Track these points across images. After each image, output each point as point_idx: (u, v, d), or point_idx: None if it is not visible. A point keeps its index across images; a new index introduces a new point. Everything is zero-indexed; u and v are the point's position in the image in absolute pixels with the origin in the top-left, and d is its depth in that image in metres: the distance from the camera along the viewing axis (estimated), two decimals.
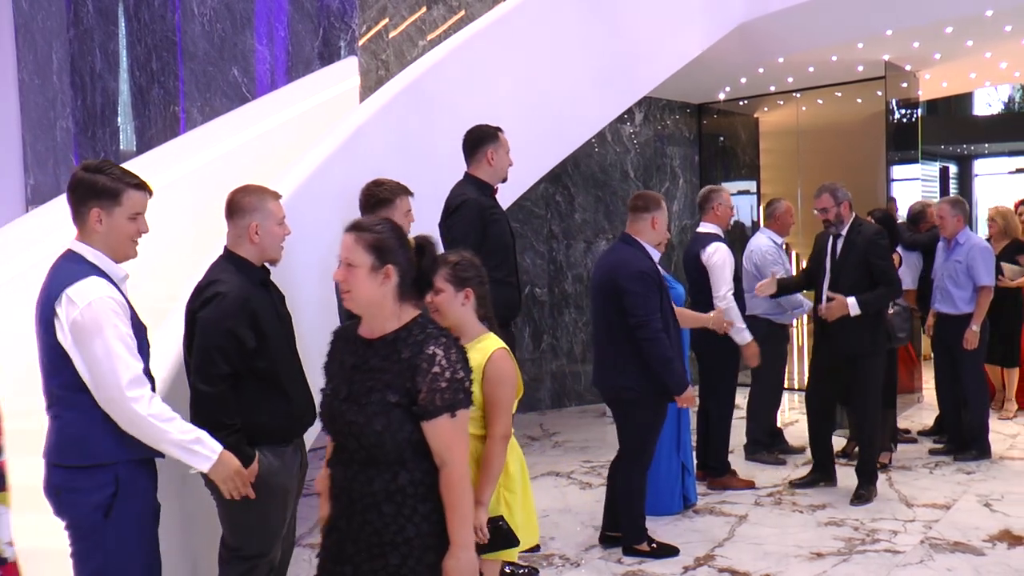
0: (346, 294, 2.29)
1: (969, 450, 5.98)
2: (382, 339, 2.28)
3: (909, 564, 4.21)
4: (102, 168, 2.60)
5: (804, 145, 9.20)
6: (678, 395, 4.21)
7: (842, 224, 5.13)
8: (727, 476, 5.51)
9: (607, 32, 5.98)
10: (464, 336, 2.84)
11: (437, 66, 4.89)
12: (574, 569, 4.30)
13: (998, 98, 17.98)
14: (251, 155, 5.99)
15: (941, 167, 16.16)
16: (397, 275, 2.27)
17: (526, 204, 7.77)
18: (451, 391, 2.20)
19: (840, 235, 5.14)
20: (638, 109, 8.68)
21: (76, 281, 2.51)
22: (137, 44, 8.43)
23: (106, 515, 2.53)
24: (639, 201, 4.39)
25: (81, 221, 2.60)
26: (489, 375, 2.80)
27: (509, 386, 2.83)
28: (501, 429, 2.81)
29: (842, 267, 5.09)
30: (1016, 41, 7.48)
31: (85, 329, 2.47)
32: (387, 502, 2.20)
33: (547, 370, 8.18)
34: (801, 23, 7.00)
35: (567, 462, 6.26)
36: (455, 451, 2.22)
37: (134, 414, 2.51)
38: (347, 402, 2.25)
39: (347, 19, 6.69)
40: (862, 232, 5.08)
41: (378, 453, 2.20)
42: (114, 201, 2.58)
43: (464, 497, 2.23)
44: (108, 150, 8.79)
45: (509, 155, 4.26)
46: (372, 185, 3.75)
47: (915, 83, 8.64)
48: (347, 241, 2.30)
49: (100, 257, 2.60)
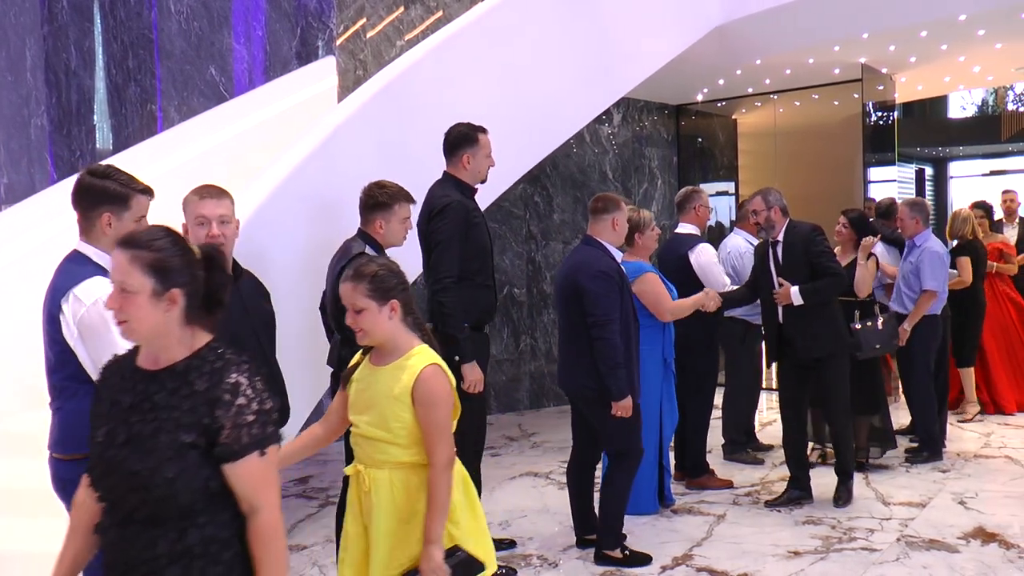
0: (122, 325, 1.92)
1: (920, 452, 6.00)
2: (169, 369, 1.93)
3: (885, 562, 4.24)
4: (110, 174, 2.73)
5: (782, 146, 9.26)
6: (615, 400, 4.13)
7: (773, 228, 5.04)
8: (705, 476, 5.53)
9: (585, 33, 5.99)
10: (395, 352, 2.62)
11: (415, 66, 4.88)
12: (552, 569, 4.30)
13: (972, 101, 18.18)
14: (229, 154, 5.95)
15: (917, 169, 16.31)
16: (184, 298, 1.93)
17: (504, 204, 7.77)
18: (259, 424, 1.90)
19: (777, 240, 5.05)
20: (616, 110, 8.71)
21: (83, 280, 2.61)
22: (113, 41, 8.36)
23: None
24: (599, 203, 4.42)
25: (89, 224, 2.72)
26: (419, 396, 2.55)
27: (444, 406, 2.58)
28: (443, 456, 2.56)
29: (786, 270, 4.99)
30: (989, 45, 7.56)
31: (92, 326, 2.56)
32: (173, 566, 1.86)
33: (526, 370, 8.18)
34: (778, 25, 7.05)
35: (546, 462, 6.26)
36: (267, 494, 1.91)
37: None
38: (127, 448, 1.88)
39: (325, 19, 6.66)
40: (797, 232, 5.01)
41: (165, 508, 1.85)
42: (124, 206, 2.71)
43: (280, 551, 1.93)
44: (84, 148, 8.70)
45: (490, 157, 4.23)
46: (374, 186, 3.71)
47: (891, 86, 8.72)
48: (120, 261, 1.90)
49: (105, 258, 2.64)
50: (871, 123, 8.49)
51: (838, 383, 5.06)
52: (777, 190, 5.13)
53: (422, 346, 2.65)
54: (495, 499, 5.38)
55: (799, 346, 5.00)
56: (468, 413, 4.02)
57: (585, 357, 4.23)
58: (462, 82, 5.11)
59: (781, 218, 5.05)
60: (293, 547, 4.61)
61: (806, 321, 4.93)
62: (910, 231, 6.04)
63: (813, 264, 4.93)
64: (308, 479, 5.91)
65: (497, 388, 7.99)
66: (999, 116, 17.10)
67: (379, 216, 3.63)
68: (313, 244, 4.01)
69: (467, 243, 4.03)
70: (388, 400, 2.57)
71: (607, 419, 4.24)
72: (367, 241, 3.63)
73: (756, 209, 5.08)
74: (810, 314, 4.92)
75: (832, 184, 4.82)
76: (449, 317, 3.93)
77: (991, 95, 17.82)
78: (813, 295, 4.88)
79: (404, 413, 2.55)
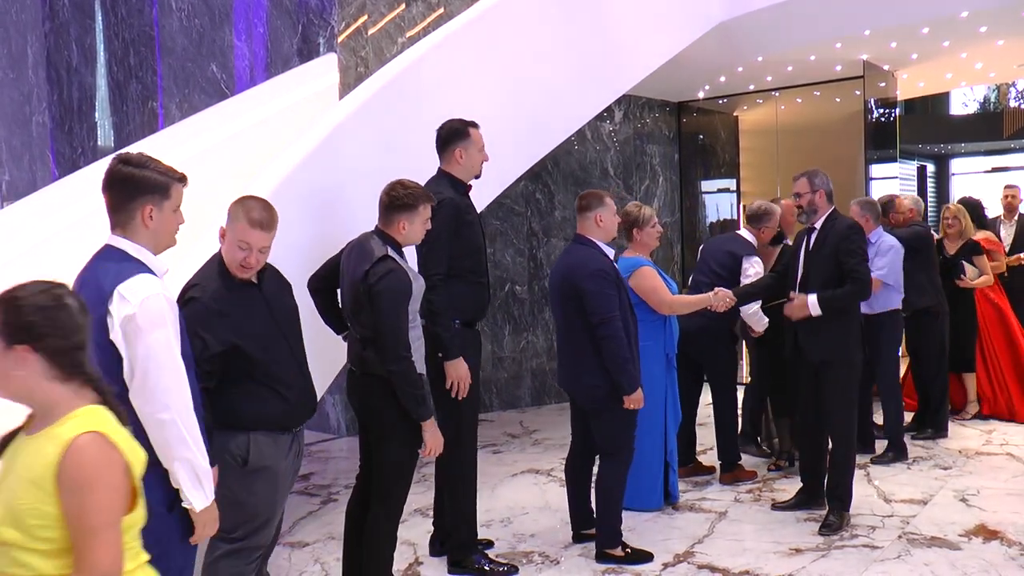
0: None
1: (887, 452, 5.94)
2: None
3: (887, 559, 4.25)
4: (145, 163, 2.54)
5: (783, 144, 9.26)
6: (628, 395, 4.16)
7: (815, 214, 4.69)
8: (738, 469, 5.56)
9: (587, 30, 5.98)
10: (47, 417, 1.85)
11: (416, 63, 4.87)
12: (553, 567, 4.30)
13: (974, 98, 18.16)
14: (230, 151, 5.94)
15: (919, 166, 16.29)
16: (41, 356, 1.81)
17: (506, 202, 7.77)
18: None
19: (814, 228, 4.71)
20: (618, 107, 8.70)
21: (128, 278, 2.42)
22: (114, 39, 8.35)
23: (173, 512, 2.45)
24: (582, 201, 4.41)
25: (128, 216, 2.51)
26: (65, 479, 1.75)
27: (103, 492, 1.77)
28: (100, 567, 1.75)
29: (813, 262, 4.66)
30: (991, 42, 7.56)
31: (138, 327, 2.38)
32: None
33: (527, 367, 8.19)
34: (780, 22, 7.04)
35: (547, 459, 6.26)
36: None
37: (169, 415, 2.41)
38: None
39: (326, 16, 6.65)
40: (836, 225, 4.63)
41: None
42: (164, 195, 2.54)
43: None
44: (85, 146, 8.71)
45: (483, 152, 4.20)
46: (397, 186, 3.65)
47: (893, 83, 8.72)
48: None
49: (143, 252, 2.52)
50: (873, 120, 8.48)
51: (834, 396, 4.64)
52: (824, 173, 4.74)
53: (88, 408, 1.85)
54: (496, 496, 5.39)
55: (803, 344, 4.72)
56: (459, 414, 4.06)
57: (586, 356, 4.21)
58: (463, 79, 5.10)
59: (825, 204, 4.70)
60: (295, 544, 4.61)
61: (815, 319, 4.61)
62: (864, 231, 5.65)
63: (841, 262, 4.56)
64: (310, 476, 5.92)
65: (498, 385, 8.00)
66: (1001, 113, 17.10)
67: (403, 217, 3.60)
68: (315, 241, 4.00)
69: (459, 240, 4.03)
70: (24, 485, 1.77)
71: (613, 418, 4.24)
72: (386, 241, 3.60)
73: (800, 192, 4.72)
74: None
75: (834, 181, 4.73)
76: (437, 315, 3.93)
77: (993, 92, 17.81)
78: (831, 303, 4.55)
79: (46, 505, 1.75)
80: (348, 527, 3.76)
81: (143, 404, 2.40)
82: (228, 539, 3.01)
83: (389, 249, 3.54)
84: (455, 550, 4.21)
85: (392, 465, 3.58)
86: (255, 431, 3.00)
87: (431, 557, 4.40)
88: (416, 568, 4.30)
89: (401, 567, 4.25)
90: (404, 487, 3.64)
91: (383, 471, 3.60)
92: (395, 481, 3.60)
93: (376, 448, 3.62)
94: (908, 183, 14.48)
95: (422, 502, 5.12)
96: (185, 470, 2.43)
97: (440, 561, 4.34)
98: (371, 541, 3.63)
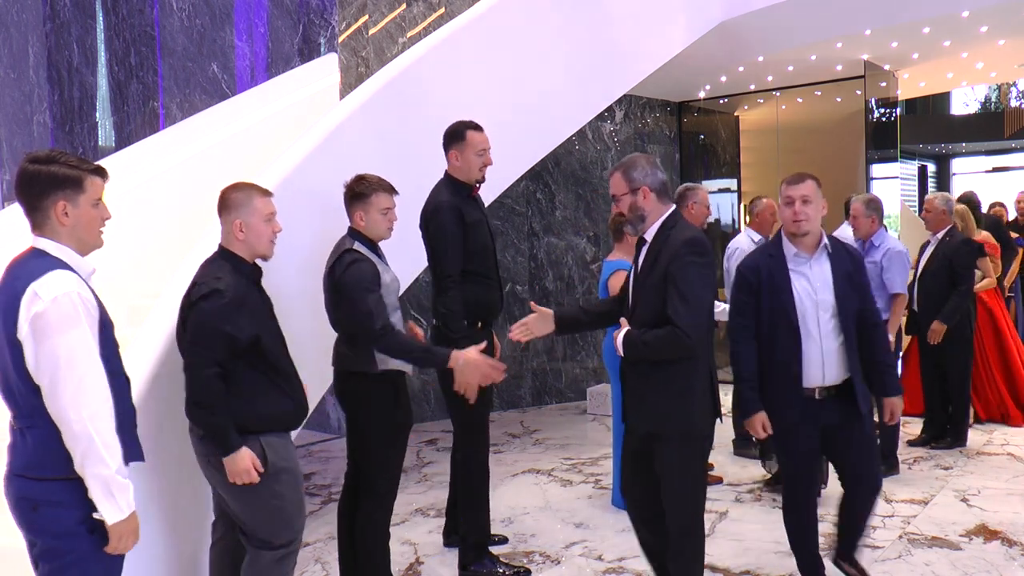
0: None
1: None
2: None
3: (888, 559, 4.24)
4: (55, 158, 2.42)
5: (784, 143, 9.26)
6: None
7: (642, 221, 3.23)
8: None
9: (588, 30, 5.98)
10: None
11: (417, 63, 4.87)
12: (554, 567, 4.30)
13: (975, 98, 18.18)
14: (231, 151, 5.95)
15: (920, 166, 16.31)
16: None
17: (507, 201, 7.77)
18: None
19: (644, 240, 3.26)
20: (618, 107, 8.70)
21: (42, 275, 2.32)
22: (115, 38, 8.36)
23: (91, 530, 2.37)
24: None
25: (43, 216, 2.41)
26: None
27: None
28: None
29: (642, 286, 3.23)
30: (992, 42, 7.56)
31: (48, 325, 2.27)
32: None
33: (528, 367, 8.19)
34: (781, 22, 7.04)
35: (547, 459, 6.26)
36: None
37: (80, 426, 2.30)
38: None
39: (327, 15, 6.66)
40: (671, 236, 3.15)
41: None
42: (78, 189, 2.41)
43: None
44: (86, 146, 8.71)
45: (483, 155, 4.15)
46: (354, 179, 3.73)
47: (894, 82, 8.72)
48: None
49: (67, 252, 2.42)
50: (873, 120, 8.48)
51: (670, 479, 3.45)
52: (650, 162, 3.26)
53: None
54: (497, 496, 5.38)
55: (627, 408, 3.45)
56: (469, 416, 4.06)
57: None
58: (464, 79, 5.11)
59: (656, 206, 3.23)
60: None
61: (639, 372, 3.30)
62: (865, 231, 5.41)
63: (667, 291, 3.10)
64: (310, 476, 5.92)
65: (499, 385, 7.97)
66: (1002, 113, 17.11)
67: (359, 208, 3.64)
68: (315, 241, 4.00)
69: (464, 242, 4.05)
70: None
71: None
72: (355, 237, 3.64)
73: (615, 193, 3.29)
74: None
75: (834, 181, 4.67)
76: (447, 317, 3.99)
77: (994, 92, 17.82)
78: (640, 351, 3.17)
79: None
80: (340, 526, 3.78)
81: (56, 411, 2.31)
82: (272, 547, 3.02)
83: (356, 244, 3.59)
84: (465, 552, 4.21)
85: (374, 459, 3.62)
86: (265, 434, 2.99)
87: (439, 553, 4.42)
88: (417, 568, 4.30)
89: (401, 567, 4.25)
90: (390, 480, 3.66)
91: (367, 466, 3.64)
92: (379, 474, 3.63)
93: (359, 444, 3.66)
94: (909, 183, 14.48)
95: (422, 502, 5.12)
96: (97, 483, 2.33)
97: (443, 559, 4.34)
98: (361, 534, 3.66)
